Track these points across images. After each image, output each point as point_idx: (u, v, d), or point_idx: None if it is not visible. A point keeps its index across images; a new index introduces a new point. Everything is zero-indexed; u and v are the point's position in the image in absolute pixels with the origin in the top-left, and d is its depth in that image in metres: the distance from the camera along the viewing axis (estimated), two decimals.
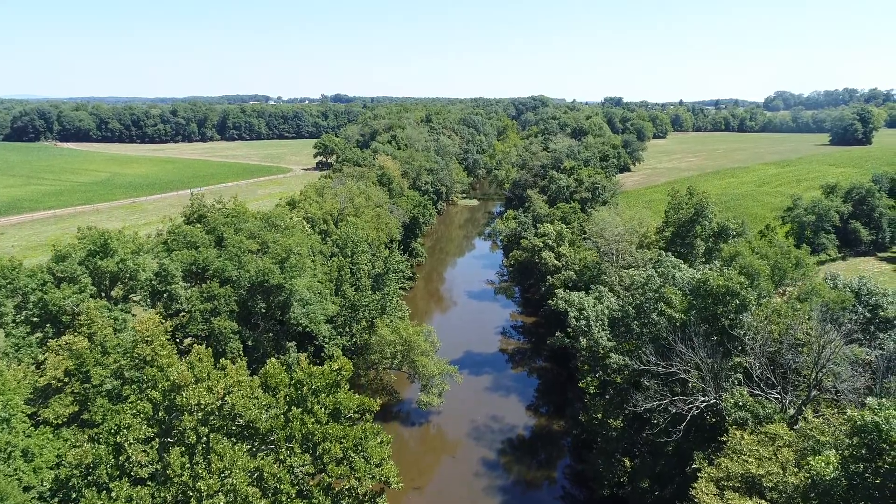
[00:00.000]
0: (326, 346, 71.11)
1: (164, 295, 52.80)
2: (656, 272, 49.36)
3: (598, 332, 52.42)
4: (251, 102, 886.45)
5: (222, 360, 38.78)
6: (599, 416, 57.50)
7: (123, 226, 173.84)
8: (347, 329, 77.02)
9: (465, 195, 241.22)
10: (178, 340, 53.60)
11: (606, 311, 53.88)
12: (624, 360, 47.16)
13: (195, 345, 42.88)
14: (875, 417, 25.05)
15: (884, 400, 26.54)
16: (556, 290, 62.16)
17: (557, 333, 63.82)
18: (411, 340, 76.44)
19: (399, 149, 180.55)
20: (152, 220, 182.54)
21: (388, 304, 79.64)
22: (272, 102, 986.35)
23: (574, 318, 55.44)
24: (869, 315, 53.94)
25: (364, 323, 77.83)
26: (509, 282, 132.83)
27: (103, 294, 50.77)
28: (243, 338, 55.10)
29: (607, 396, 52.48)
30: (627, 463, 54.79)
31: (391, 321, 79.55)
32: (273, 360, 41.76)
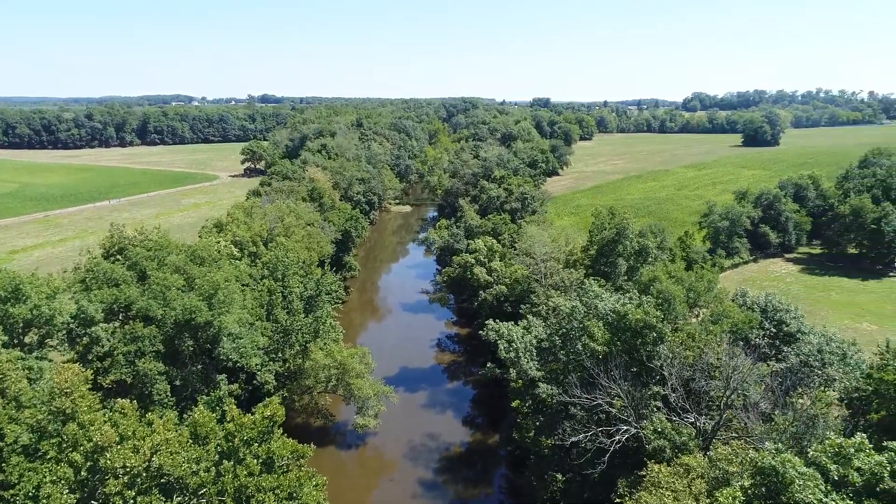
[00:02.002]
0: (259, 373, 69.95)
1: (84, 338, 50.60)
2: (580, 301, 51.59)
3: (527, 362, 54.23)
4: (173, 104, 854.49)
5: (149, 416, 37.76)
6: (531, 435, 59.37)
7: (36, 243, 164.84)
8: (280, 354, 75.94)
9: (397, 201, 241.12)
10: (99, 384, 51.46)
11: (534, 342, 55.83)
12: (552, 390, 49.09)
13: (119, 399, 41.38)
14: (773, 461, 27.44)
15: (780, 444, 29.13)
16: (487, 322, 63.60)
17: (489, 364, 65.52)
18: (346, 363, 76.24)
19: (330, 158, 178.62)
20: (68, 235, 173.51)
21: (322, 327, 79.00)
22: (196, 103, 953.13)
23: (504, 349, 57.11)
24: (774, 330, 58.25)
25: (297, 347, 76.92)
26: (444, 291, 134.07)
27: (15, 342, 48.15)
28: (170, 378, 53.47)
29: (538, 423, 54.37)
30: (560, 478, 56.82)
31: (325, 344, 79.02)
32: (202, 407, 41.00)
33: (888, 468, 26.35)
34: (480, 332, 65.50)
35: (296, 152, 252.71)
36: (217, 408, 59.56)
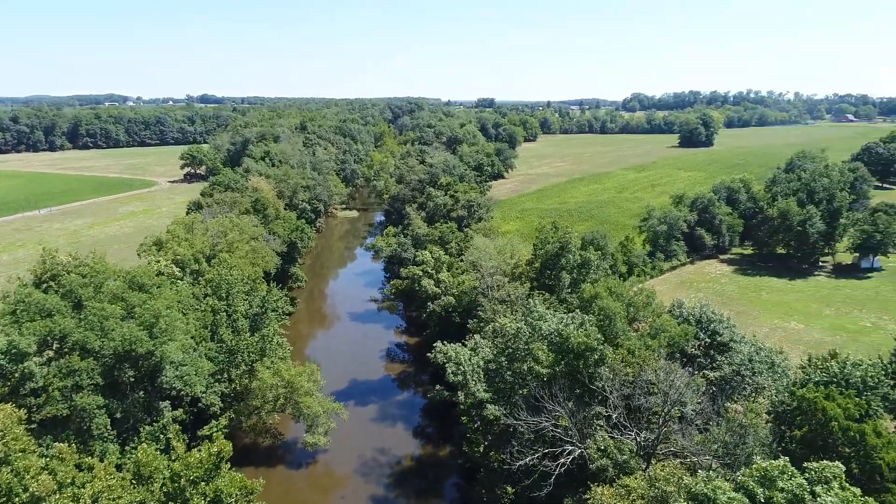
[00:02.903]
0: (204, 396, 68.57)
1: (16, 374, 48.35)
2: (525, 322, 52.93)
3: (475, 385, 55.24)
4: (106, 104, 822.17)
5: (88, 459, 36.63)
6: (481, 449, 60.47)
7: None
8: (226, 375, 74.64)
9: (344, 206, 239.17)
10: (34, 420, 49.36)
11: (482, 364, 56.90)
12: (499, 411, 50.29)
13: (56, 443, 39.97)
14: (705, 489, 29.19)
15: (711, 472, 30.99)
16: (435, 345, 64.23)
17: (438, 387, 66.26)
18: (294, 382, 75.46)
19: (273, 165, 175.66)
20: None
21: (268, 345, 77.91)
22: (131, 104, 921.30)
23: (452, 373, 57.95)
24: (709, 340, 61.13)
25: (243, 367, 75.71)
26: (393, 300, 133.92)
27: None
28: (110, 410, 51.78)
29: (486, 442, 55.49)
30: (510, 491, 58.05)
31: (272, 363, 77.97)
32: (144, 446, 40.04)
33: (808, 489, 28.46)
34: (429, 354, 66.02)
35: (238, 156, 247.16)
36: (161, 436, 58.22)
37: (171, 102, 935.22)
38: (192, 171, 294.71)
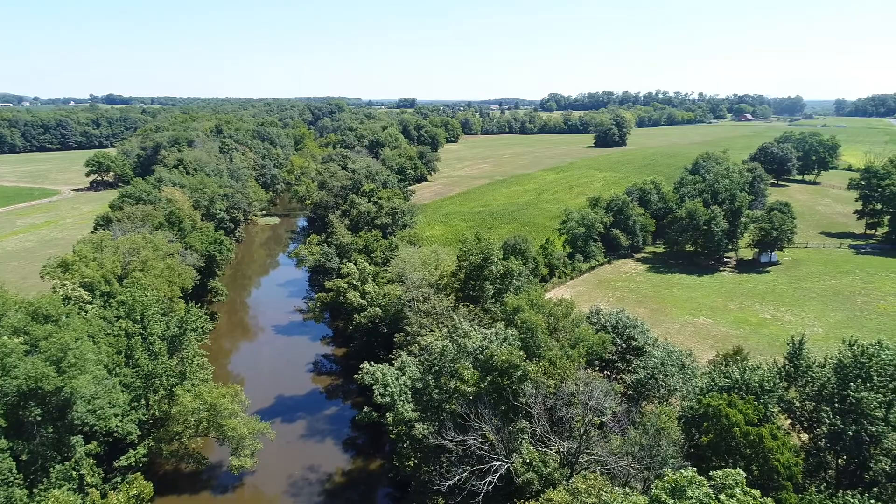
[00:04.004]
0: (120, 426, 65.53)
1: None
2: (450, 339, 53.95)
3: (403, 405, 55.67)
4: None
5: None
6: (411, 464, 60.96)
7: None
8: (143, 401, 71.61)
9: (265, 212, 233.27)
10: None
11: (409, 383, 57.40)
12: (427, 430, 51.00)
13: None
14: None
15: (627, 488, 32.99)
16: (362, 366, 64.11)
17: (365, 408, 66.27)
18: (216, 404, 73.28)
19: (188, 173, 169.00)
20: None
21: (188, 367, 75.30)
22: (26, 104, 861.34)
23: (379, 394, 58.14)
24: (625, 345, 64.30)
25: (162, 392, 72.86)
26: (319, 311, 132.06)
27: None
28: (15, 453, 48.59)
29: (416, 459, 56.05)
30: (441, 502, 58.91)
31: (193, 385, 75.41)
32: (57, 493, 38.01)
33: (714, 497, 30.83)
34: (356, 375, 65.81)
35: (149, 162, 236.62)
36: (74, 473, 55.27)
37: (72, 103, 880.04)
38: (100, 178, 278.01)
